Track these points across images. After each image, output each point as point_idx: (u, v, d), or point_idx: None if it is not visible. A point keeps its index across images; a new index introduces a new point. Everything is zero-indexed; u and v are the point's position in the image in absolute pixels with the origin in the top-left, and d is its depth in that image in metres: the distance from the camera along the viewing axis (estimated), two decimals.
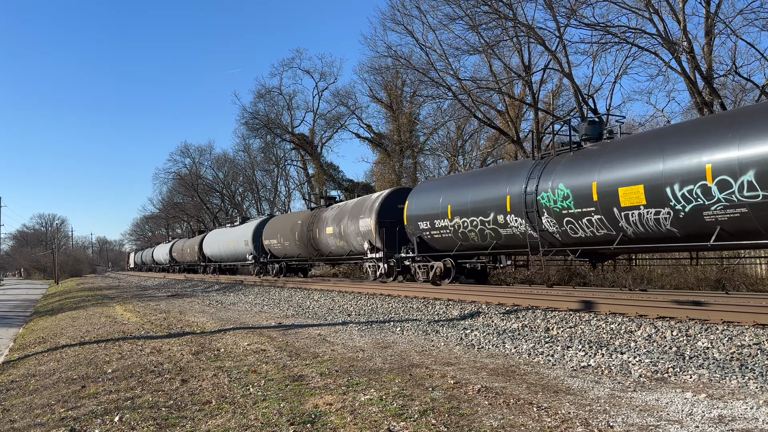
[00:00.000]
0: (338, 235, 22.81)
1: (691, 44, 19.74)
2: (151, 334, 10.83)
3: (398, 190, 21.52)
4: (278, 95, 49.69)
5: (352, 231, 21.57)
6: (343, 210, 23.12)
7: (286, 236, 27.84)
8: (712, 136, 10.01)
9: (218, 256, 39.84)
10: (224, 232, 39.58)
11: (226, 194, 68.19)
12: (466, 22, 24.04)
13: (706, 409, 4.72)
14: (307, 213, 27.27)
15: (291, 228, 27.60)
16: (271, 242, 29.72)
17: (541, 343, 8.05)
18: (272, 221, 31.66)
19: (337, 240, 23.01)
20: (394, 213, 19.99)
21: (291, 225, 27.84)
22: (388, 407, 4.95)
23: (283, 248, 28.59)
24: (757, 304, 9.00)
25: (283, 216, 33.56)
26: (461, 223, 16.15)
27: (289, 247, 27.79)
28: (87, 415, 5.36)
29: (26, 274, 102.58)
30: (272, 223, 31.09)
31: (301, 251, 26.78)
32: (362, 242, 20.95)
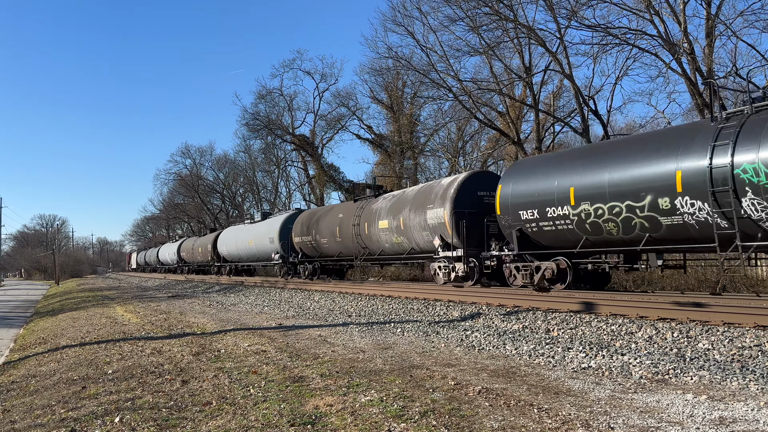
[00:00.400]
0: (395, 229, 19.47)
1: (691, 45, 19.75)
2: (152, 335, 10.83)
3: (478, 174, 18.03)
4: (279, 96, 49.70)
5: (416, 224, 18.29)
6: (401, 199, 19.74)
7: (323, 232, 24.59)
8: None
9: (236, 255, 36.35)
10: (243, 228, 35.60)
11: (226, 195, 68.22)
12: (466, 24, 24.06)
13: (707, 410, 4.72)
14: (349, 205, 23.92)
15: (329, 222, 24.32)
16: (303, 239, 26.38)
17: (542, 344, 8.04)
18: (304, 215, 28.05)
19: (394, 236, 19.65)
20: (473, 201, 16.81)
21: (329, 219, 24.55)
22: (388, 408, 4.95)
23: (318, 246, 25.31)
24: (758, 306, 8.99)
25: (318, 209, 29.34)
26: (592, 211, 12.58)
27: (327, 245, 24.53)
28: (87, 416, 5.36)
29: (27, 274, 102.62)
30: (304, 218, 27.50)
31: (343, 249, 23.51)
32: (430, 238, 17.68)
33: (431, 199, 17.82)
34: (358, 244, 21.85)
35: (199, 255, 45.04)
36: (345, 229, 22.81)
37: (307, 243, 26.16)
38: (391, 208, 20.05)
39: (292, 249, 27.77)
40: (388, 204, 20.37)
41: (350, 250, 22.79)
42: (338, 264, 25.90)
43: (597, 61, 25.31)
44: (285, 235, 28.52)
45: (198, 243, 46.32)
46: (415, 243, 18.72)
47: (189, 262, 49.63)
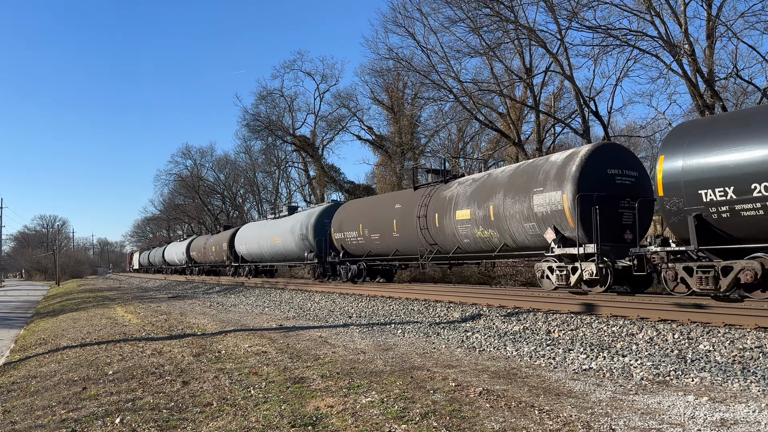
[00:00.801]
0: (480, 221, 15.66)
1: (692, 47, 19.75)
2: (152, 336, 10.82)
3: (606, 147, 13.97)
4: (279, 97, 49.78)
5: (516, 213, 14.44)
6: (488, 183, 15.88)
7: (374, 226, 20.79)
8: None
9: (257, 254, 32.38)
10: (267, 224, 31.64)
11: (227, 196, 68.26)
12: (467, 25, 24.08)
13: (708, 412, 4.71)
14: (408, 193, 20.31)
15: (383, 215, 20.51)
16: (345, 236, 22.55)
17: (543, 345, 8.04)
18: (347, 208, 24.07)
19: (478, 228, 15.79)
20: (602, 182, 13.07)
21: (382, 211, 20.71)
22: (389, 410, 4.95)
23: (366, 243, 21.34)
24: (759, 307, 8.98)
25: (365, 200, 25.38)
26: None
27: (379, 242, 20.68)
28: (88, 417, 5.36)
29: (27, 275, 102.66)
30: (348, 211, 23.46)
31: (401, 247, 19.67)
32: (537, 230, 13.96)
33: (539, 181, 13.99)
34: (425, 239, 17.95)
35: (212, 255, 41.37)
36: (405, 223, 19.01)
37: (351, 240, 22.36)
38: (473, 194, 16.08)
39: (330, 247, 23.86)
40: (469, 189, 16.44)
41: (412, 247, 18.87)
42: (388, 264, 22.06)
43: (597, 62, 25.37)
44: (320, 231, 24.85)
45: (211, 241, 42.18)
46: (511, 237, 14.81)
47: (200, 262, 45.97)
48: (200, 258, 45.01)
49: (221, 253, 38.71)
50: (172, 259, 55.62)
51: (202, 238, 47.39)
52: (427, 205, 17.95)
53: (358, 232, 21.92)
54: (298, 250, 26.93)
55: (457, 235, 16.70)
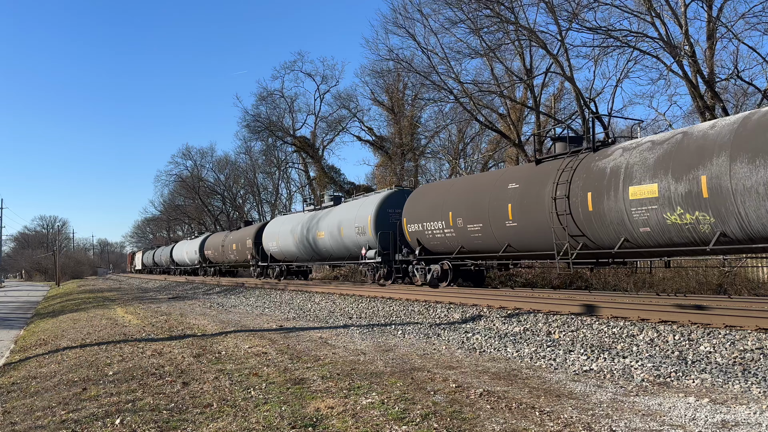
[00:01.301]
0: (679, 198, 10.78)
1: (692, 48, 19.74)
2: (152, 337, 10.82)
3: None
4: (280, 98, 49.77)
5: (748, 186, 9.63)
6: (691, 144, 10.82)
7: (473, 214, 15.77)
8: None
9: (291, 253, 28.15)
10: (305, 218, 27.19)
11: (227, 197, 68.25)
12: (467, 26, 24.08)
13: (709, 414, 4.70)
14: (528, 168, 15.26)
15: (486, 198, 15.43)
16: (425, 227, 17.63)
17: (543, 346, 8.03)
18: (425, 192, 19.15)
19: (669, 211, 10.98)
20: None
21: (485, 193, 15.62)
22: (389, 411, 4.94)
23: (459, 236, 16.29)
24: (760, 308, 8.97)
25: (454, 181, 20.13)
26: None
27: (480, 234, 15.59)
28: (88, 418, 5.36)
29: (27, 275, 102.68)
30: (427, 195, 18.60)
31: (519, 240, 14.60)
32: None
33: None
34: (564, 230, 13.09)
35: (232, 253, 37.10)
36: (528, 208, 14.14)
37: (435, 233, 17.41)
38: (661, 161, 11.22)
39: (401, 242, 19.52)
40: (650, 156, 11.52)
41: (540, 240, 14.02)
42: (483, 264, 17.27)
43: (598, 63, 25.34)
44: (384, 223, 20.39)
45: (231, 238, 37.60)
46: (739, 224, 9.93)
47: (216, 262, 41.26)
48: (217, 257, 40.73)
49: (244, 252, 34.44)
50: (182, 258, 51.06)
51: (219, 234, 42.46)
52: (569, 181, 13.05)
53: (445, 223, 16.97)
54: (351, 247, 22.33)
55: (629, 220, 11.74)
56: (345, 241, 22.80)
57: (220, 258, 39.97)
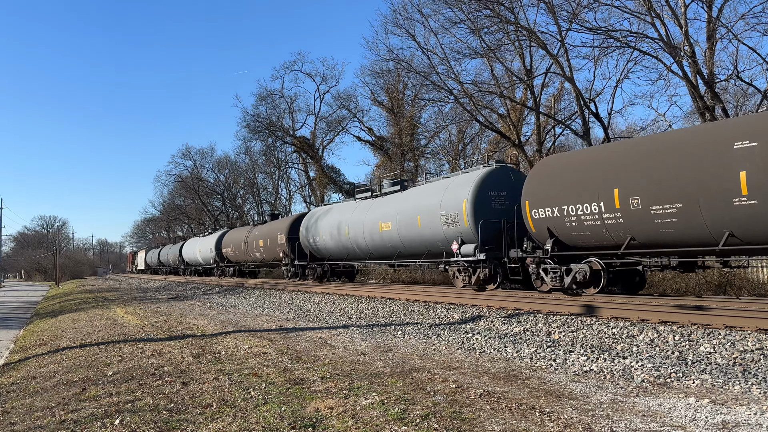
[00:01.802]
0: None
1: (692, 48, 19.75)
2: (152, 337, 10.81)
3: None
4: (280, 98, 49.73)
5: None
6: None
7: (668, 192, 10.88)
8: None
9: (338, 249, 23.42)
10: (358, 207, 22.41)
11: (227, 197, 68.25)
12: (467, 26, 24.07)
13: (709, 414, 4.70)
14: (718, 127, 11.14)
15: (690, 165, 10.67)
16: (564, 212, 13.06)
17: (543, 347, 8.02)
18: (561, 163, 14.54)
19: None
20: None
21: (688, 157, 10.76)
22: (389, 411, 4.93)
23: (630, 222, 11.65)
24: (759, 309, 8.97)
25: (610, 147, 14.96)
26: None
27: (677, 218, 10.81)
28: (87, 418, 5.35)
29: (27, 276, 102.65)
30: (567, 169, 13.73)
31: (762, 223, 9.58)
32: None
33: None
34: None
35: (257, 251, 31.91)
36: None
37: (582, 219, 12.65)
38: None
39: (520, 233, 15.00)
40: None
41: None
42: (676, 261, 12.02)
43: (598, 63, 25.34)
44: (483, 210, 15.90)
45: (257, 234, 32.45)
46: None
47: (237, 261, 36.03)
48: (239, 256, 35.37)
49: (274, 249, 29.43)
50: (193, 257, 45.86)
51: (241, 230, 37.00)
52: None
53: (605, 205, 12.06)
54: (433, 240, 17.79)
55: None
56: (424, 233, 18.28)
57: (244, 256, 34.50)
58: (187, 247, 50.04)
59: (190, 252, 48.06)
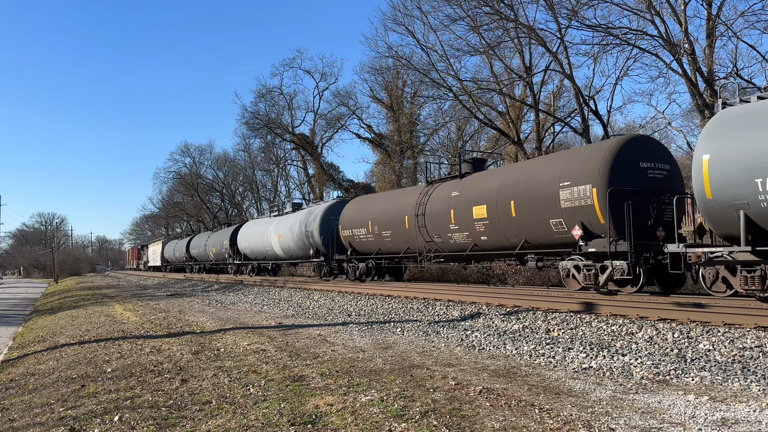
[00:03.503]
0: None
1: (692, 46, 19.75)
2: (151, 334, 10.80)
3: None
4: (279, 95, 49.69)
5: None
6: None
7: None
8: None
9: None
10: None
11: (226, 194, 68.22)
12: (467, 23, 24.06)
13: (708, 411, 4.70)
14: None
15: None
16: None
17: (542, 344, 8.03)
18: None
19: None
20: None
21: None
22: (389, 408, 4.93)
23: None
24: (758, 307, 8.98)
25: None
26: None
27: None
28: (86, 415, 5.34)
29: (26, 272, 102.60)
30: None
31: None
32: None
33: None
34: None
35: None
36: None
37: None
38: None
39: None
40: None
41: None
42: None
43: (597, 61, 25.35)
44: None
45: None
46: None
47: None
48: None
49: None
50: (261, 248, 30.95)
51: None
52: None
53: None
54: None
55: None
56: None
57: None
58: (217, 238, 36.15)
59: (253, 240, 32.11)
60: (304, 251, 25.94)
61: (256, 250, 31.70)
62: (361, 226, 21.10)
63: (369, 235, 20.80)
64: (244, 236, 33.50)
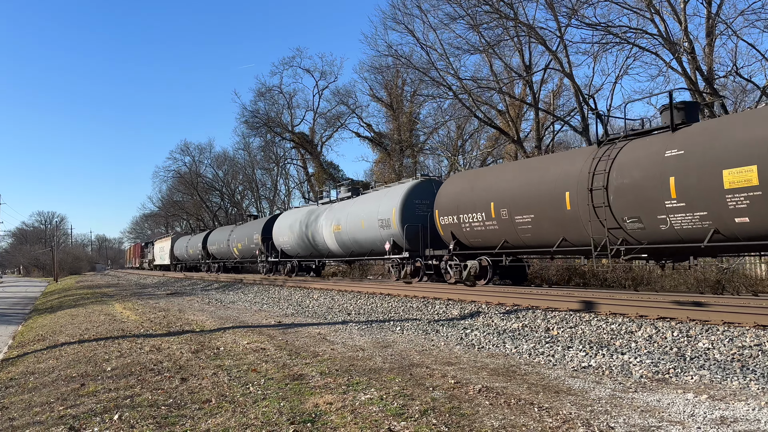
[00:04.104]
0: None
1: (692, 45, 19.74)
2: (151, 333, 10.80)
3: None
4: (278, 94, 49.71)
5: None
6: None
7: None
8: None
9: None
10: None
11: (225, 193, 68.22)
12: (467, 22, 24.05)
13: (707, 410, 4.71)
14: None
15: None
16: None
17: (542, 343, 8.03)
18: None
19: None
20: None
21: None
22: (388, 407, 4.94)
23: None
24: (758, 305, 8.99)
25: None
26: None
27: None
28: (86, 414, 5.35)
29: (25, 271, 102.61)
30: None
31: None
32: None
33: None
34: None
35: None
36: None
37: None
38: None
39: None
40: None
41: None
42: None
43: (597, 59, 25.37)
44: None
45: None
46: None
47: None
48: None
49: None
50: (312, 242, 25.47)
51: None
52: None
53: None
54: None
55: None
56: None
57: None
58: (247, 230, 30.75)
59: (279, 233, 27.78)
60: (374, 245, 21.02)
61: (298, 245, 26.81)
62: (475, 210, 16.10)
63: (490, 222, 15.64)
64: (281, 228, 28.44)
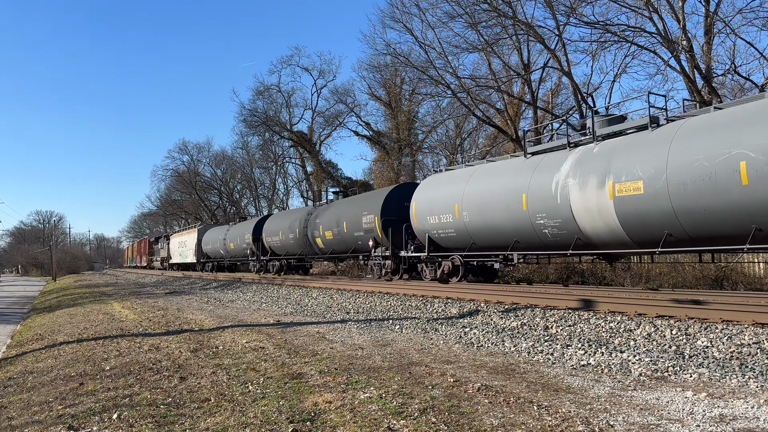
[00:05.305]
0: None
1: (690, 43, 19.74)
2: (149, 332, 10.79)
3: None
4: (277, 93, 49.66)
5: None
6: None
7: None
8: None
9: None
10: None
11: (224, 192, 68.17)
12: (465, 20, 24.03)
13: (706, 408, 4.71)
14: None
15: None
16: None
17: (541, 341, 8.03)
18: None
19: None
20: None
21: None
22: (387, 405, 4.93)
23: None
24: (756, 303, 9.00)
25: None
26: None
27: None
28: (85, 413, 5.34)
29: (24, 271, 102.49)
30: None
31: None
32: None
33: None
34: None
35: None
36: None
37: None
38: None
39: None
40: None
41: None
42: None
43: (596, 58, 25.34)
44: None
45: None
46: None
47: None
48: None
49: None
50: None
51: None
52: None
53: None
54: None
55: None
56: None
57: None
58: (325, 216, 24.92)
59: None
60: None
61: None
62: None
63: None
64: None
